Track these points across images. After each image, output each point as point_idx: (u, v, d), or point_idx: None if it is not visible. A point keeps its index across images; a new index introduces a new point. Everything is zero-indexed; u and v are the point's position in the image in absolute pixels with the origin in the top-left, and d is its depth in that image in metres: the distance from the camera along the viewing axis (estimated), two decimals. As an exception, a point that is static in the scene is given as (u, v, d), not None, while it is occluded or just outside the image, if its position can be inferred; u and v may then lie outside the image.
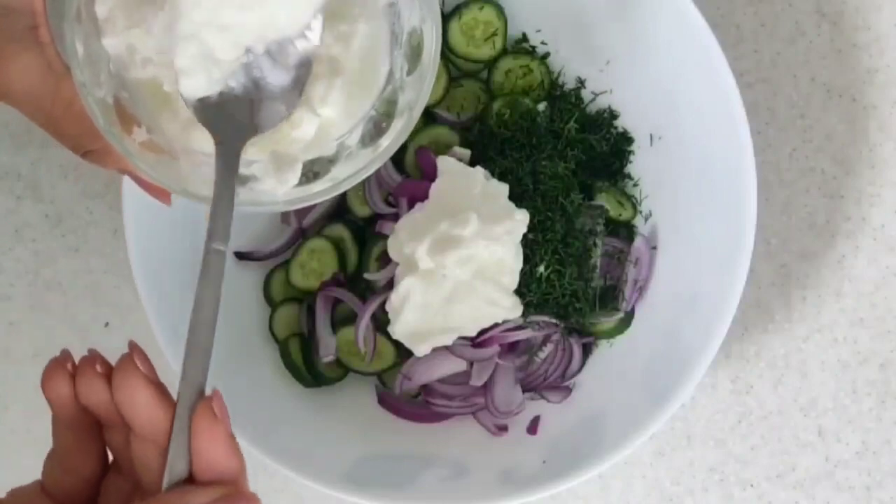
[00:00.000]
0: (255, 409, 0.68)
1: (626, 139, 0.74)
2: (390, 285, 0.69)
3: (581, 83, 0.75)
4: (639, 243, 0.73)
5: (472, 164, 0.70)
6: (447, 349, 0.71)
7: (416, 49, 0.48)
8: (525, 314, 0.70)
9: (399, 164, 0.73)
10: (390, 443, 0.71)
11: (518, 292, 0.69)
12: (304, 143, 0.47)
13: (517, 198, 0.69)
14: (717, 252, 0.68)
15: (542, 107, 0.73)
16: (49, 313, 0.77)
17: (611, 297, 0.74)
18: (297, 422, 0.70)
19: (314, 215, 0.74)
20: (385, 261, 0.71)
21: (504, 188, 0.69)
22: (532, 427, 0.72)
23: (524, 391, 0.73)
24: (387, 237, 0.70)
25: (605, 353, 0.74)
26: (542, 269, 0.70)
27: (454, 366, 0.72)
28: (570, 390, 0.73)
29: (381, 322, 0.71)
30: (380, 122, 0.49)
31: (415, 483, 0.68)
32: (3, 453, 0.76)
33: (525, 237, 0.68)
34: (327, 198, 0.48)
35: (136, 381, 0.41)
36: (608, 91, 0.74)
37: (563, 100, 0.74)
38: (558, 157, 0.71)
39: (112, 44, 0.45)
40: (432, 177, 0.70)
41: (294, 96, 0.47)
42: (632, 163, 0.74)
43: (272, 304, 0.74)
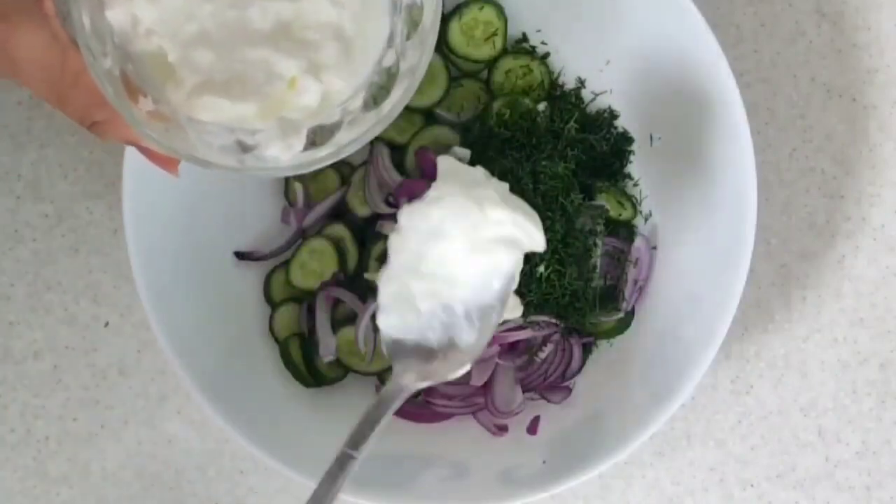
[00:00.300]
0: (255, 409, 0.68)
1: (626, 139, 0.74)
2: (390, 285, 0.69)
3: (581, 83, 0.75)
4: (639, 243, 0.73)
5: (472, 164, 0.70)
6: (447, 349, 0.71)
7: (416, 13, 0.48)
8: (525, 314, 0.70)
9: (399, 164, 0.73)
10: (390, 443, 0.71)
11: (518, 292, 0.69)
12: (308, 110, 0.47)
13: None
14: (717, 252, 0.68)
15: (542, 107, 0.73)
16: (49, 313, 0.77)
17: (611, 297, 0.74)
18: (297, 422, 0.70)
19: (314, 216, 0.74)
20: (385, 261, 0.71)
21: (504, 187, 0.68)
22: (532, 427, 0.72)
23: (524, 391, 0.73)
24: (387, 237, 0.70)
25: (605, 353, 0.74)
26: (542, 269, 0.70)
27: (454, 366, 0.72)
28: (570, 390, 0.73)
29: (381, 322, 0.71)
30: (382, 87, 0.49)
31: (415, 483, 0.68)
32: (3, 453, 0.76)
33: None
34: (331, 162, 0.48)
35: None
36: (608, 91, 0.74)
37: (563, 100, 0.74)
38: (558, 157, 0.71)
39: (116, 16, 0.45)
40: (432, 177, 0.69)
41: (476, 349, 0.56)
42: (632, 163, 0.74)
43: (272, 304, 0.74)
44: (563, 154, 0.71)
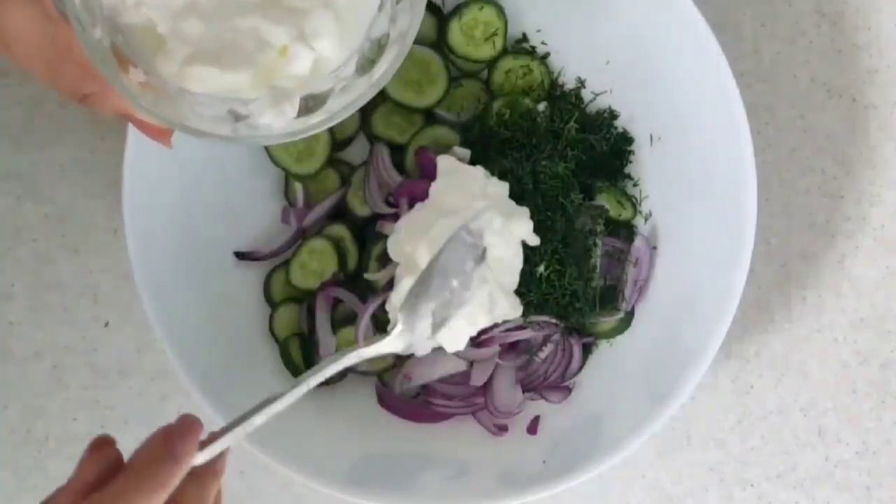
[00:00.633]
0: (255, 409, 0.68)
1: (626, 139, 0.74)
2: (390, 285, 0.69)
3: (581, 83, 0.75)
4: (639, 243, 0.73)
5: (472, 163, 0.70)
6: (447, 349, 0.71)
7: None
8: (525, 314, 0.70)
9: (399, 164, 0.73)
10: (390, 443, 0.71)
11: (518, 292, 0.69)
12: (300, 77, 0.47)
13: (517, 198, 0.69)
14: (717, 252, 0.68)
15: (542, 107, 0.73)
16: (49, 313, 0.77)
17: (611, 297, 0.74)
18: (297, 422, 0.70)
19: (314, 216, 0.74)
20: (385, 261, 0.71)
21: (504, 186, 0.69)
22: (532, 427, 0.72)
23: (524, 391, 0.73)
24: (387, 237, 0.70)
25: (605, 353, 0.74)
26: (542, 269, 0.70)
27: (454, 366, 0.72)
28: (570, 390, 0.73)
29: (381, 322, 0.71)
30: (373, 53, 0.49)
31: (415, 483, 0.68)
32: (3, 453, 0.76)
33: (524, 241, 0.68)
34: (323, 129, 0.48)
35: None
36: (608, 91, 0.74)
37: (563, 100, 0.74)
38: (558, 157, 0.71)
39: None
40: (432, 176, 0.70)
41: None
42: (632, 163, 0.74)
43: (272, 304, 0.74)
44: (563, 154, 0.71)
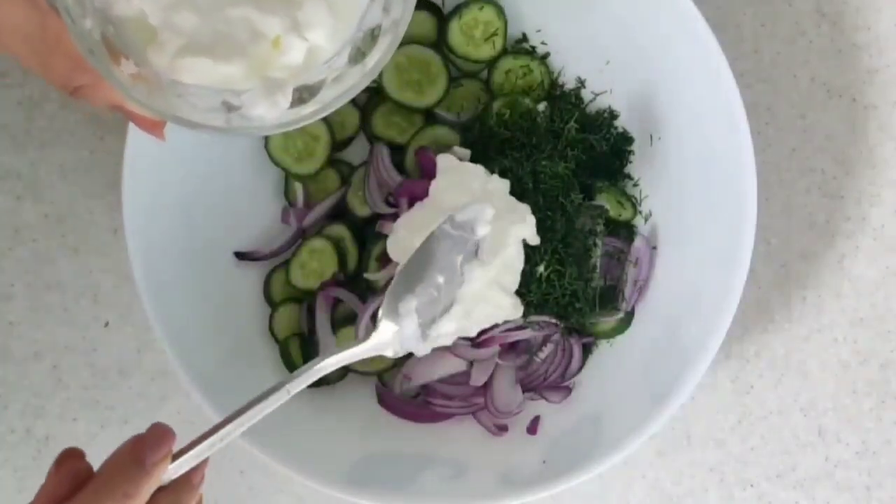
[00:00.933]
0: (255, 409, 0.68)
1: (626, 139, 0.74)
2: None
3: (581, 83, 0.75)
4: (639, 243, 0.73)
5: (471, 163, 0.70)
6: (447, 349, 0.71)
7: None
8: (525, 314, 0.70)
9: (399, 164, 0.73)
10: (390, 443, 0.71)
11: (518, 292, 0.69)
12: (293, 68, 0.47)
13: (517, 197, 0.69)
14: (717, 252, 0.68)
15: (542, 107, 0.73)
16: (49, 313, 0.77)
17: (611, 296, 0.74)
18: (297, 422, 0.70)
19: (314, 216, 0.74)
20: (385, 261, 0.71)
21: (505, 184, 0.69)
22: (532, 427, 0.72)
23: (524, 391, 0.73)
24: (387, 237, 0.70)
25: (605, 352, 0.74)
26: (542, 268, 0.70)
27: (454, 366, 0.72)
28: (570, 390, 0.73)
29: (381, 322, 0.71)
30: (366, 44, 0.49)
31: (415, 483, 0.68)
32: (3, 453, 0.76)
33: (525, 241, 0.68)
34: (316, 119, 0.48)
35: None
36: (608, 91, 0.74)
37: (563, 100, 0.74)
38: (558, 157, 0.71)
39: None
40: (432, 176, 0.69)
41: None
42: (632, 163, 0.74)
43: (272, 304, 0.74)
44: (563, 154, 0.71)
